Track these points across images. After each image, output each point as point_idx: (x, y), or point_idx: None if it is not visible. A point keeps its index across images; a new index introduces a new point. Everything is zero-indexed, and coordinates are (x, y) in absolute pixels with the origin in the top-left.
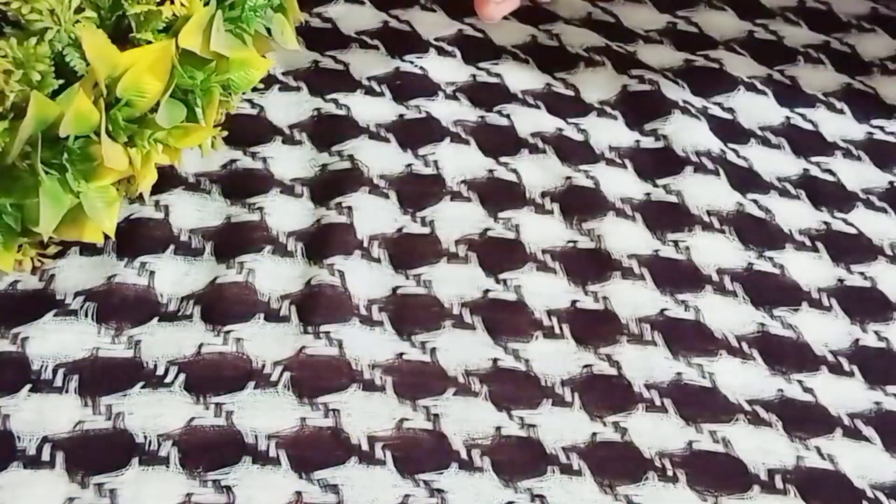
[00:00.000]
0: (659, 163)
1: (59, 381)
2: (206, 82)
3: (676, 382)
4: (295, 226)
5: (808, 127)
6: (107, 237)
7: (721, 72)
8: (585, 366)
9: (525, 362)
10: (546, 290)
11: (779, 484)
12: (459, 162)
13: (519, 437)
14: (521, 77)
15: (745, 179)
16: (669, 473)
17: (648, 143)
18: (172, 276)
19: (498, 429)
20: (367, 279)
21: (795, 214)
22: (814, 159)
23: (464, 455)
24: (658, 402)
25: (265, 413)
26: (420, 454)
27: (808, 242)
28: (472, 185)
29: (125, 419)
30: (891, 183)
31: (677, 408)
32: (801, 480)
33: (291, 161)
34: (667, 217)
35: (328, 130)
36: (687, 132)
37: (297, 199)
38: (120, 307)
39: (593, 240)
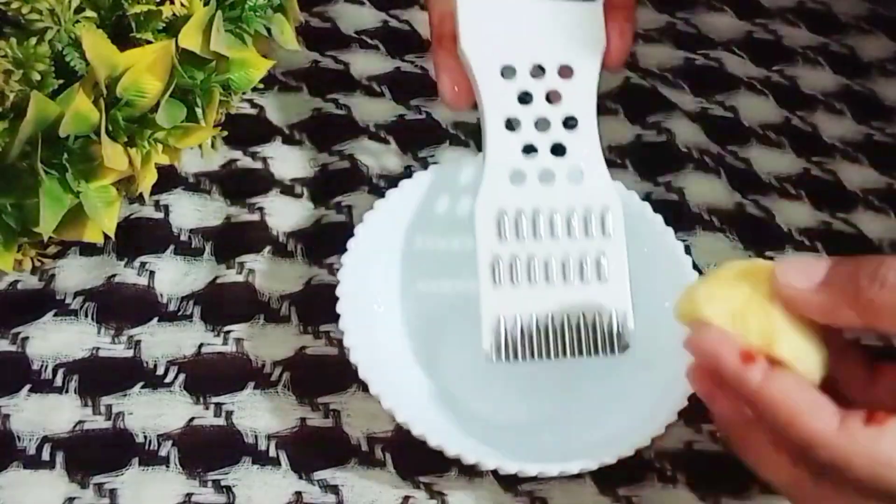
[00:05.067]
0: (659, 160)
1: (59, 381)
2: (206, 82)
3: None
4: (295, 226)
5: (808, 129)
6: (107, 237)
7: (721, 71)
8: None
9: None
10: None
11: None
12: None
13: None
14: None
15: (745, 179)
16: (669, 474)
17: (651, 136)
18: (172, 276)
19: None
20: None
21: (795, 214)
22: (814, 159)
23: None
24: None
25: (265, 413)
26: (420, 456)
27: (807, 242)
28: None
29: (125, 419)
30: (889, 185)
31: None
32: None
33: (291, 161)
34: (668, 216)
35: (328, 130)
36: (688, 130)
37: (297, 199)
38: (120, 307)
39: None
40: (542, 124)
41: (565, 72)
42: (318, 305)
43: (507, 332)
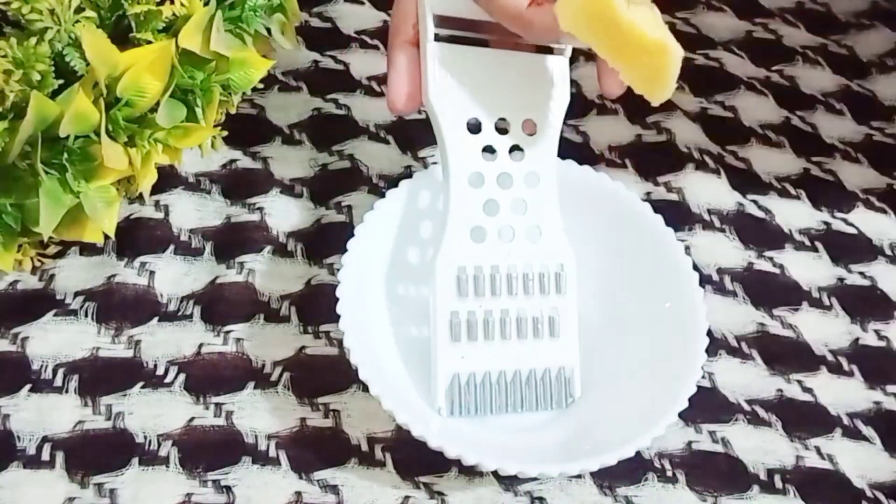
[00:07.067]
0: (659, 160)
1: (59, 381)
2: (206, 82)
3: None
4: (295, 226)
5: (808, 129)
6: (107, 237)
7: (721, 71)
8: None
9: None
10: None
11: (778, 484)
12: None
13: None
14: None
15: (745, 179)
16: (669, 474)
17: (651, 136)
18: (172, 276)
19: None
20: None
21: (795, 214)
22: (814, 159)
23: None
24: None
25: (265, 413)
26: (420, 456)
27: (807, 242)
28: None
29: (125, 419)
30: (889, 185)
31: None
32: (800, 480)
33: (291, 161)
34: (668, 216)
35: (328, 130)
36: (688, 130)
37: (297, 199)
38: (120, 307)
39: None
40: (504, 180)
41: (529, 126)
42: (318, 305)
43: (461, 389)
